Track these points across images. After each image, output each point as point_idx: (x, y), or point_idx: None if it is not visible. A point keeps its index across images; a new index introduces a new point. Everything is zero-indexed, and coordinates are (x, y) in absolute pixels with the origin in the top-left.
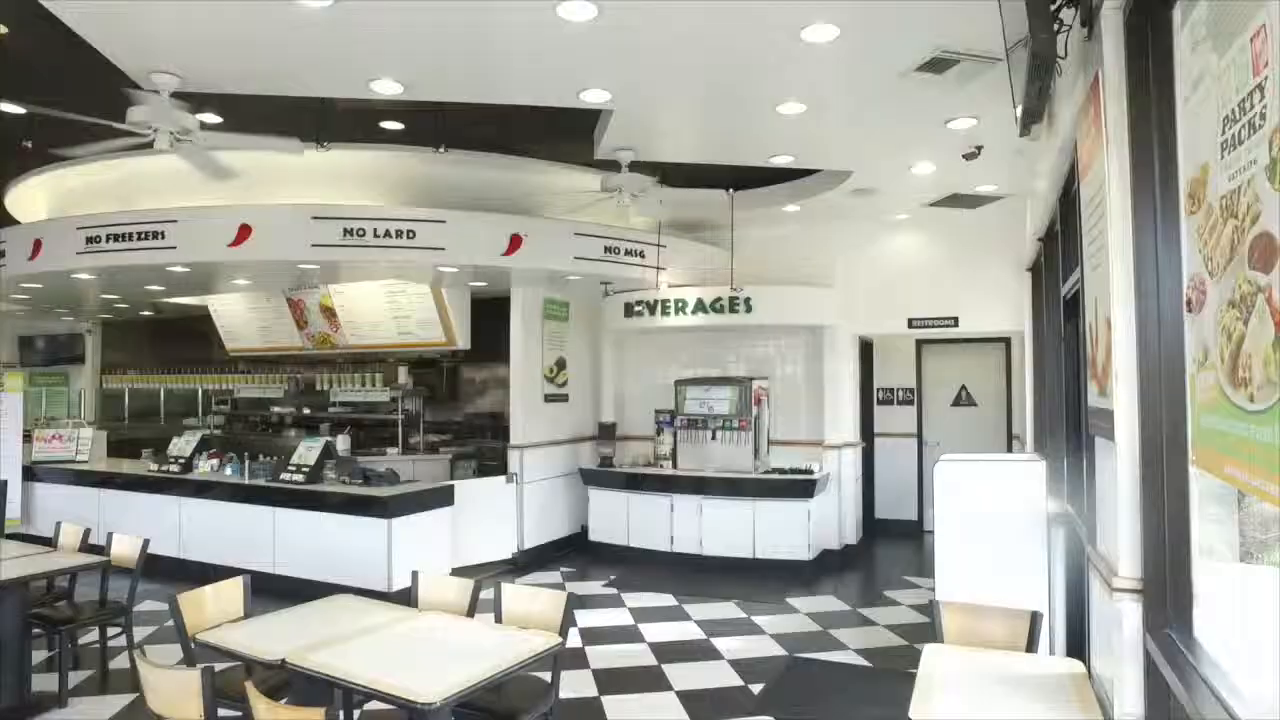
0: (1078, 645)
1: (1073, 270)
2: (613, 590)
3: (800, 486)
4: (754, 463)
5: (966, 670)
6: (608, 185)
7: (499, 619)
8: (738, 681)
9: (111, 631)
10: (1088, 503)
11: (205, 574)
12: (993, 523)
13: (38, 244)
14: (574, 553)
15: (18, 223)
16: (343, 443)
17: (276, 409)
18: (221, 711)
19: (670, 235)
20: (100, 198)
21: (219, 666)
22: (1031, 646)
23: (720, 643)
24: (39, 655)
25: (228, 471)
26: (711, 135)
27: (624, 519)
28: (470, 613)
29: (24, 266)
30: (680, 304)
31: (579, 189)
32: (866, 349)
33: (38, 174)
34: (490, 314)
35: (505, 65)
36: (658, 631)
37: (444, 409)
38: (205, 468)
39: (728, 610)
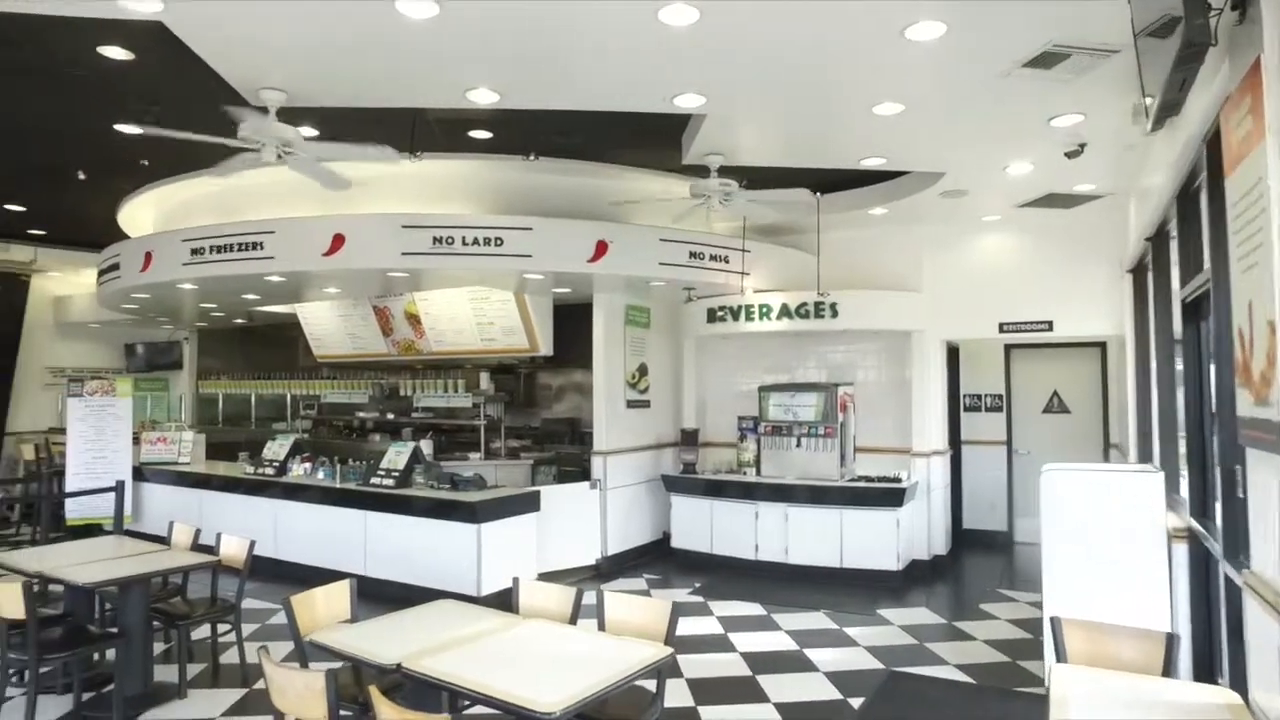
0: (1207, 670)
1: (1195, 272)
2: (699, 598)
3: (889, 495)
4: (839, 470)
5: (1104, 695)
6: (697, 190)
7: (602, 627)
8: (836, 695)
9: (221, 628)
10: (1226, 519)
11: (300, 575)
12: (1106, 536)
13: (148, 256)
14: (656, 559)
15: (128, 237)
16: (426, 447)
17: (361, 414)
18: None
19: (754, 240)
20: (202, 211)
21: (330, 666)
22: (1169, 671)
23: (813, 654)
24: (156, 648)
25: (320, 475)
26: (803, 138)
27: (707, 526)
28: (573, 620)
29: (136, 278)
30: (764, 309)
31: (666, 195)
32: (953, 354)
33: (147, 190)
34: (570, 320)
35: (600, 71)
36: (749, 641)
37: (522, 414)
38: (298, 471)
39: (818, 621)
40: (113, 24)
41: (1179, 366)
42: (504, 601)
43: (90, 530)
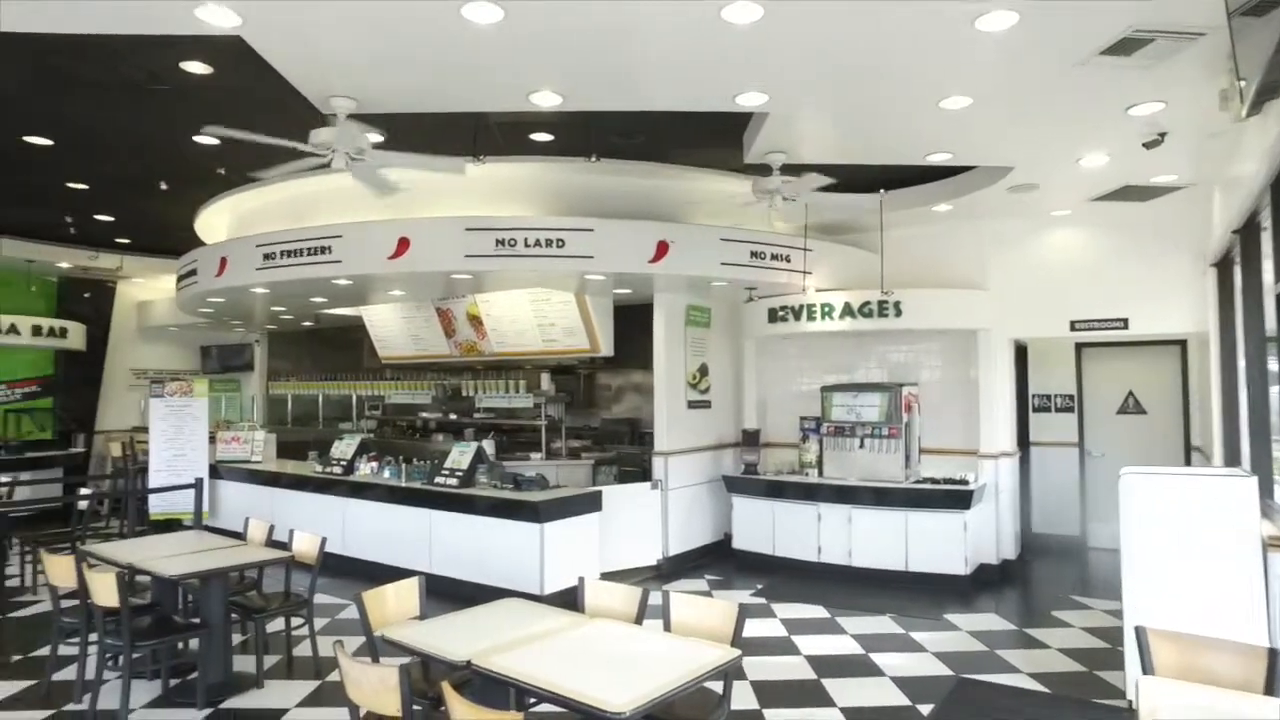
0: None
1: None
2: (761, 600)
3: (955, 497)
4: (904, 471)
5: (1200, 711)
6: (760, 189)
7: (667, 627)
8: (904, 701)
9: (294, 621)
10: None
11: (366, 571)
12: (1194, 544)
13: (223, 262)
14: (718, 560)
15: (204, 244)
16: (488, 448)
17: (424, 414)
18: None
19: (815, 238)
20: (273, 217)
21: (398, 661)
22: (1271, 689)
23: (880, 658)
24: (234, 639)
25: (386, 474)
26: (868, 134)
27: (769, 527)
28: (638, 620)
29: (212, 283)
30: (826, 308)
31: (727, 194)
32: (1020, 353)
33: (222, 198)
34: (630, 320)
35: (663, 71)
36: (813, 644)
37: (582, 415)
38: (365, 470)
39: (883, 625)
40: (195, 40)
41: (1272, 366)
42: (567, 600)
43: (171, 525)
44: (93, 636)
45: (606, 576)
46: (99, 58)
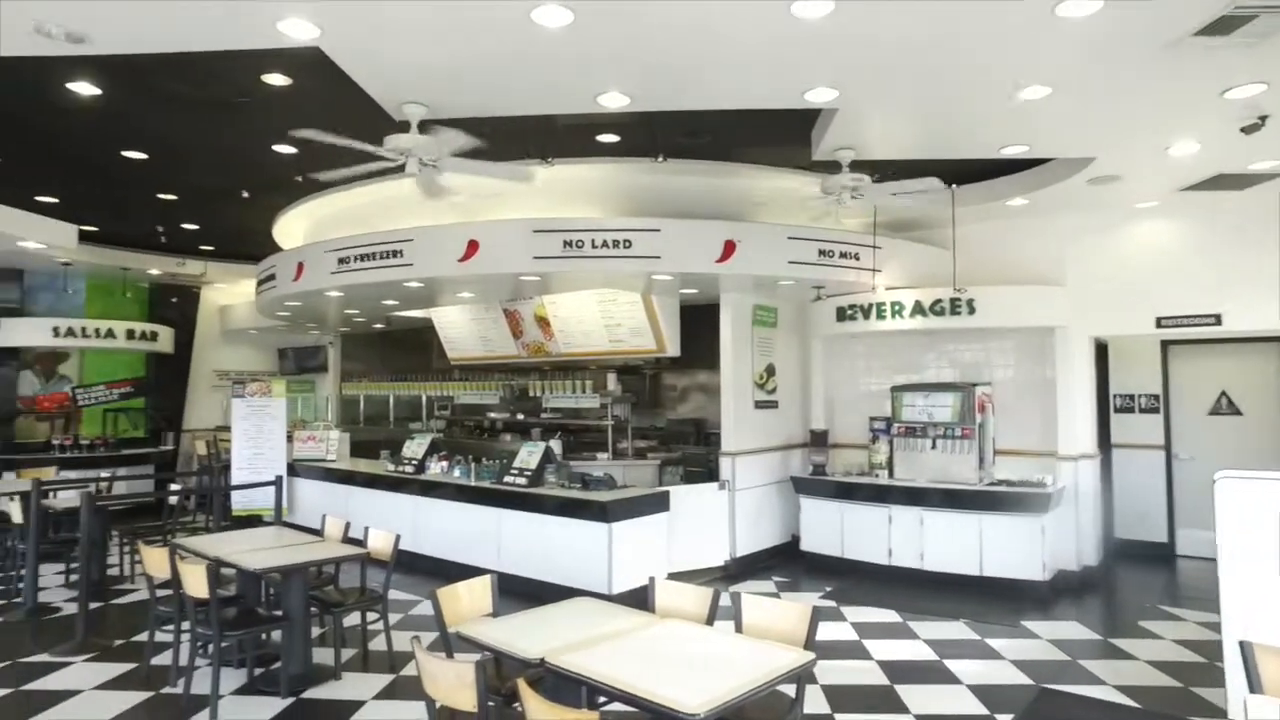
0: None
1: None
2: (831, 603)
3: (1032, 500)
4: (978, 473)
5: None
6: (828, 187)
7: (739, 629)
8: (981, 710)
9: (369, 616)
10: None
11: (436, 568)
12: None
13: (300, 266)
14: (785, 562)
15: (282, 249)
16: (555, 448)
17: (492, 414)
18: None
19: (885, 236)
20: (347, 222)
21: (470, 657)
22: None
23: (955, 665)
24: (313, 632)
25: (456, 473)
26: (940, 129)
27: (838, 529)
28: (709, 621)
29: (290, 287)
30: (896, 307)
31: (794, 192)
32: (1100, 351)
33: (299, 205)
34: (696, 320)
35: (732, 69)
36: (885, 649)
37: (647, 415)
38: (436, 469)
39: (957, 630)
40: (275, 54)
41: None
42: (636, 600)
43: (251, 520)
44: (185, 625)
45: (673, 577)
46: (190, 75)
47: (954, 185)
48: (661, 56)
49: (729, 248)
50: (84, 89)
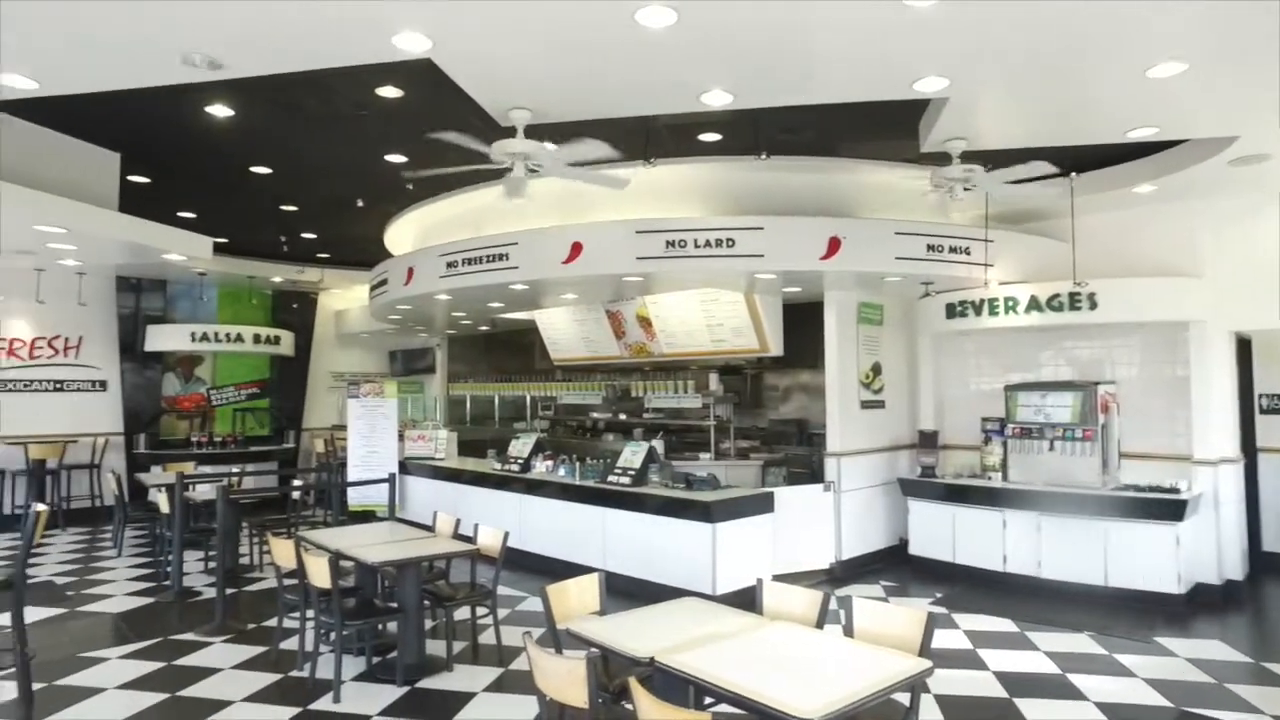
0: None
1: None
2: (942, 609)
3: (1165, 507)
4: (1101, 477)
5: None
6: (938, 179)
7: (849, 633)
8: None
9: (479, 611)
10: None
11: (541, 565)
12: None
13: (410, 271)
14: (892, 566)
15: (392, 255)
16: (658, 447)
17: (594, 414)
18: None
19: (997, 229)
20: (454, 227)
21: (580, 654)
22: None
23: (1080, 680)
24: (425, 624)
25: (561, 472)
26: (1060, 114)
27: (948, 533)
28: (819, 624)
29: (401, 291)
30: (1010, 302)
31: (901, 186)
32: (1243, 347)
33: (409, 212)
34: (798, 319)
35: (839, 62)
36: (1001, 660)
37: (748, 415)
38: (541, 468)
39: (1081, 643)
40: (389, 67)
41: None
42: (740, 601)
43: (366, 515)
44: (310, 613)
45: (777, 579)
46: (311, 92)
47: (1073, 174)
48: (765, 52)
49: (833, 244)
50: (219, 111)
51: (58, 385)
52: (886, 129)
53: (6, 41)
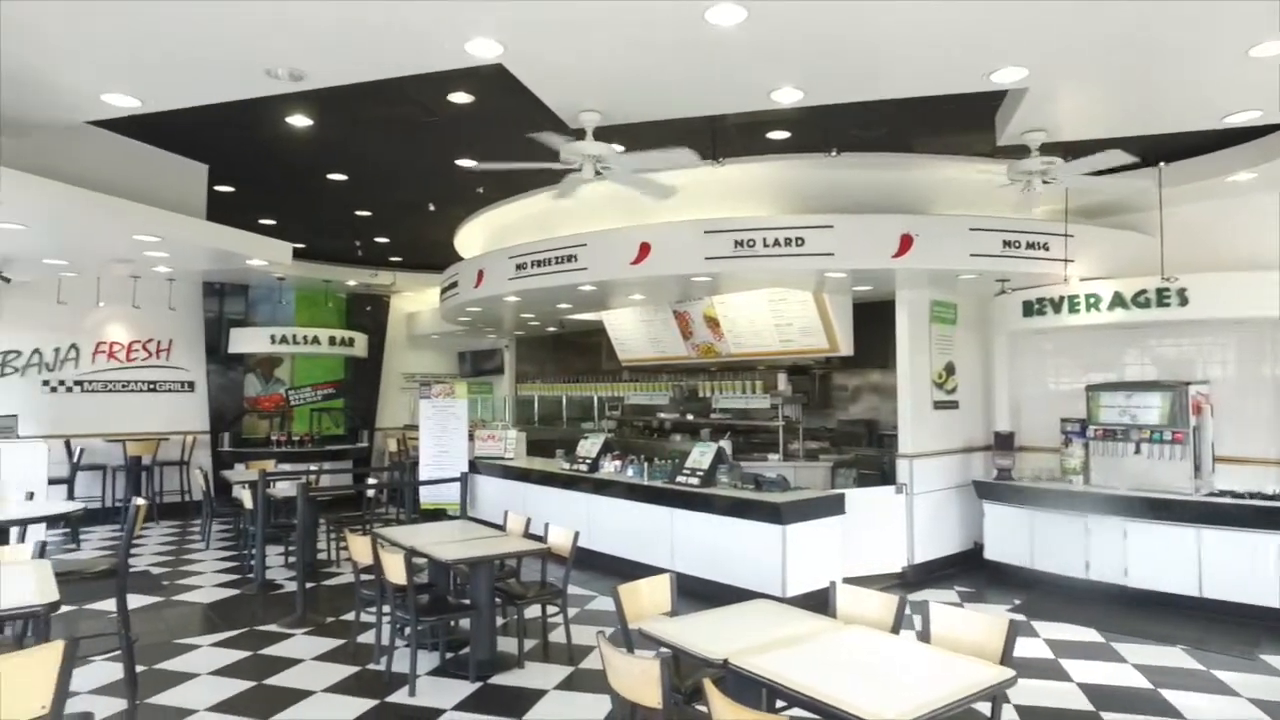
0: None
1: None
2: (1020, 616)
3: (1267, 515)
4: (1193, 482)
5: None
6: (1015, 173)
7: (925, 638)
8: None
9: (549, 609)
10: None
11: (609, 565)
12: None
13: (480, 273)
14: (967, 571)
15: (462, 258)
16: (726, 448)
17: (661, 414)
18: None
19: (1077, 223)
20: (523, 230)
21: (650, 654)
22: None
23: (1175, 697)
24: (497, 622)
25: (629, 472)
26: (1148, 101)
27: (1026, 538)
28: (895, 629)
29: (471, 293)
30: (1092, 299)
31: (975, 181)
32: None
33: (478, 215)
34: (867, 319)
35: (913, 54)
36: (1086, 671)
37: (817, 416)
38: (609, 468)
39: (1174, 657)
40: (460, 73)
41: None
42: (810, 604)
43: (437, 514)
44: (385, 608)
45: (848, 582)
46: (385, 99)
47: (1161, 164)
48: (837, 46)
49: (905, 242)
50: (299, 121)
51: (151, 386)
52: (960, 122)
53: (112, 63)
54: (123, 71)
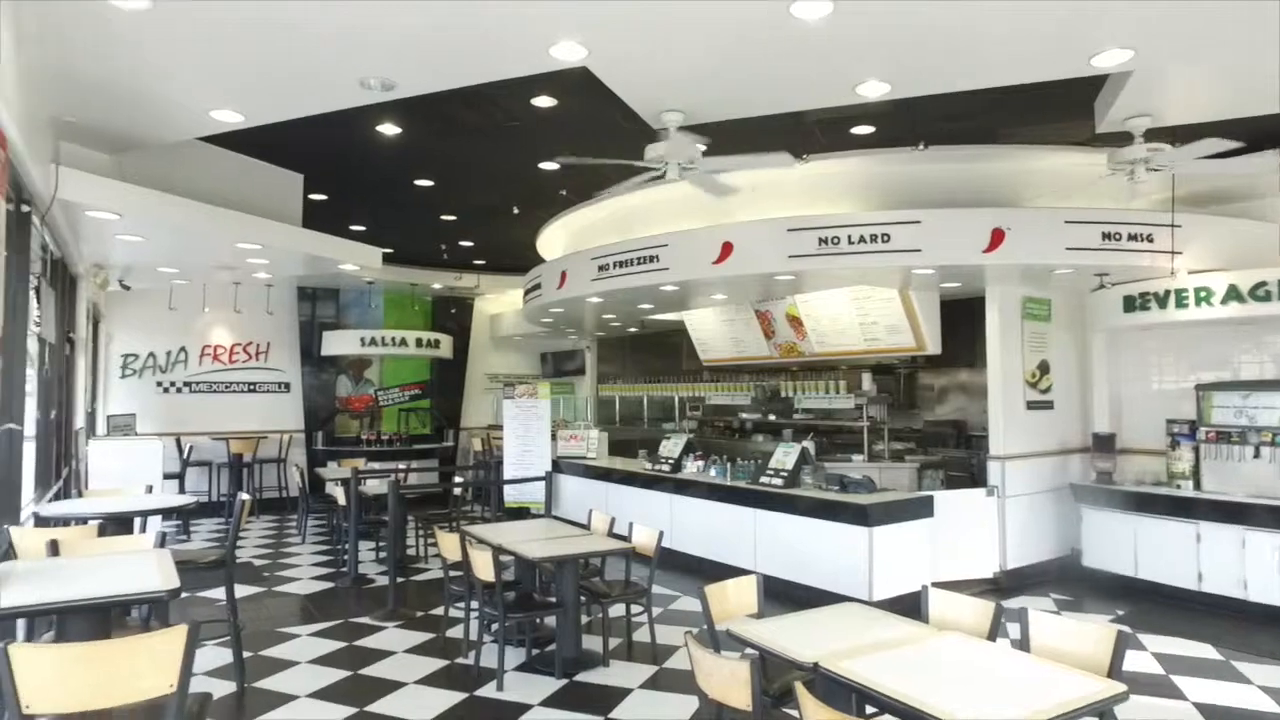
0: None
1: None
2: (1124, 628)
3: None
4: None
5: None
6: (1117, 161)
7: (1024, 647)
8: None
9: (633, 609)
10: None
11: (690, 565)
12: None
13: (563, 275)
14: (1063, 578)
15: (544, 260)
16: (810, 448)
17: (743, 415)
18: None
19: (1185, 212)
20: (604, 231)
21: (735, 655)
22: None
23: None
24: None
25: (712, 473)
26: (1267, 78)
27: (1130, 545)
28: (991, 637)
29: (554, 294)
30: (1203, 293)
31: (1072, 171)
32: None
33: (560, 217)
34: (955, 316)
35: (1004, 42)
36: (1203, 690)
37: (901, 416)
38: (692, 468)
39: None
40: (544, 77)
41: None
42: (899, 608)
43: (521, 512)
44: (474, 604)
45: (937, 587)
46: (471, 105)
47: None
48: (926, 36)
49: (997, 236)
50: (389, 129)
51: (250, 387)
52: (1053, 111)
53: (219, 82)
54: (230, 89)
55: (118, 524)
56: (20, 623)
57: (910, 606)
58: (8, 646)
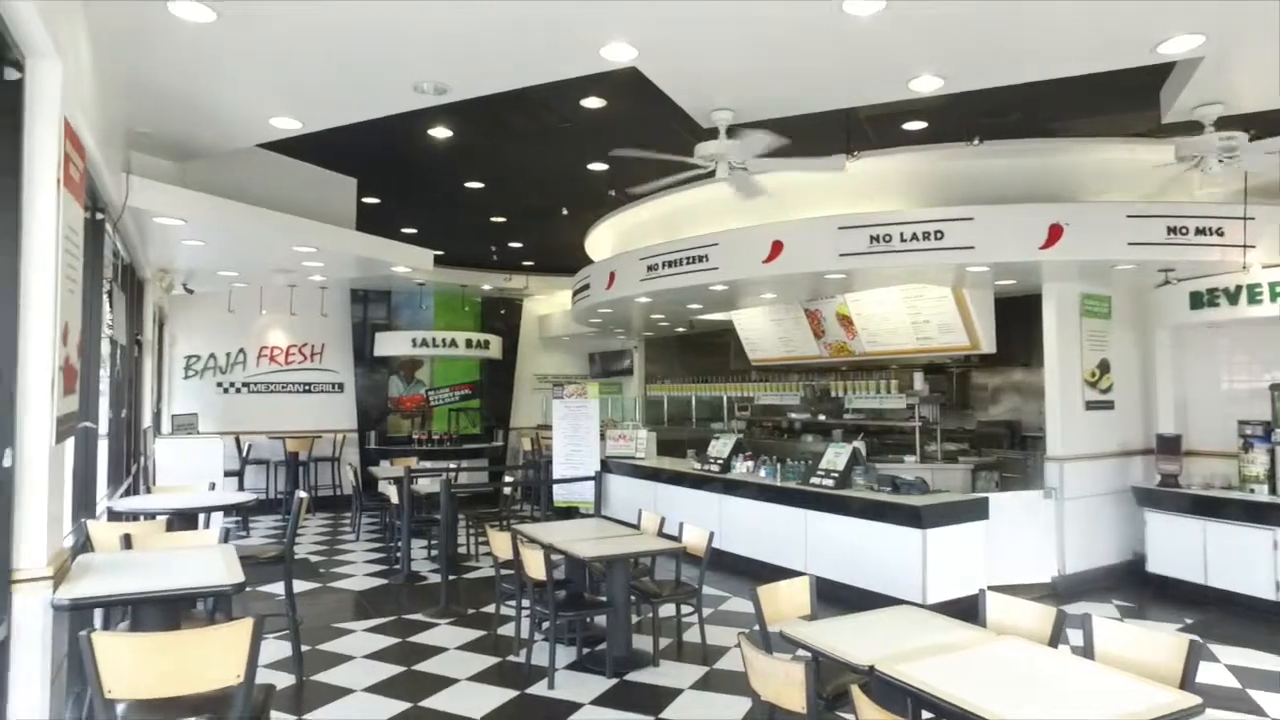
0: None
1: None
2: (1194, 637)
3: None
4: None
5: None
6: (1187, 151)
7: (1089, 655)
8: None
9: (683, 609)
10: None
11: (740, 565)
12: None
13: (612, 275)
14: (1125, 584)
15: (592, 261)
16: (861, 449)
17: (792, 415)
18: None
19: (1258, 203)
20: (652, 231)
21: (787, 656)
22: None
23: None
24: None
25: (761, 473)
26: None
27: (1198, 551)
28: (1053, 643)
29: (603, 295)
30: (1278, 289)
31: (1133, 164)
32: None
33: (608, 218)
34: (1009, 314)
35: (1063, 31)
36: None
37: (954, 416)
38: (741, 468)
39: None
40: (594, 78)
41: None
42: (954, 611)
43: (570, 511)
44: (525, 602)
45: (993, 591)
46: (521, 108)
47: None
48: (981, 28)
49: (1054, 232)
50: (440, 133)
51: (306, 387)
52: (1112, 101)
53: (279, 89)
54: (289, 97)
55: (184, 519)
56: (97, 611)
57: (965, 610)
58: (91, 634)
